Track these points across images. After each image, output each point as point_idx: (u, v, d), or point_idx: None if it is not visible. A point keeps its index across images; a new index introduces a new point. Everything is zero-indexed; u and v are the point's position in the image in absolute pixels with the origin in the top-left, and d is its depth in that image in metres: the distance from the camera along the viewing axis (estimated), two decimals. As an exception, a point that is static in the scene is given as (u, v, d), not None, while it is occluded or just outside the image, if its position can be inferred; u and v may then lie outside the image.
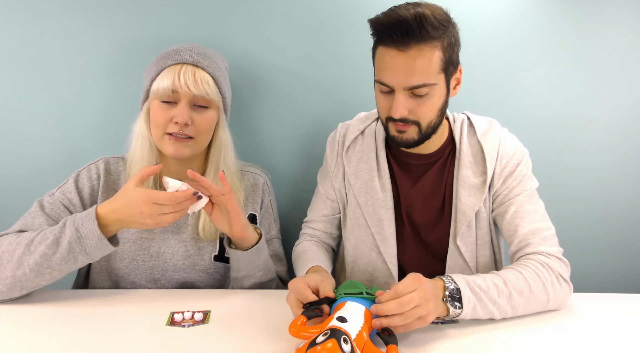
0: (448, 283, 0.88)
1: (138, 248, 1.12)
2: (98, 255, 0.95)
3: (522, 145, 1.11)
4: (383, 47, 0.96)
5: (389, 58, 0.94)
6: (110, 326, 0.89)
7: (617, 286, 1.47)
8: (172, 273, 1.13)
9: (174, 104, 1.05)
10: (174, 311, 0.94)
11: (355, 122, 1.19)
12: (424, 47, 0.92)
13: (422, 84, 0.94)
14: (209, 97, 1.06)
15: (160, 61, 1.07)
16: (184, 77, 1.03)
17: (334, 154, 1.18)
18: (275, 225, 1.25)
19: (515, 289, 0.91)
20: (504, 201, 1.07)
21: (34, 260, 0.92)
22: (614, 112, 1.40)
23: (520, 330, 0.89)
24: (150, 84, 1.07)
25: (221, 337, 0.86)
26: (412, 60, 0.92)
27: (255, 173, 1.25)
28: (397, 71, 0.94)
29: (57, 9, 1.30)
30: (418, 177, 1.12)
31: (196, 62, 1.06)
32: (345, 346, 0.70)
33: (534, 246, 1.00)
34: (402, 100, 0.96)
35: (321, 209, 1.22)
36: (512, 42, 1.36)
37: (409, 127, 1.00)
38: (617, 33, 1.35)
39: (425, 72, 0.93)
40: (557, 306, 0.97)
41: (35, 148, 1.36)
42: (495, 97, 1.38)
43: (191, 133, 1.05)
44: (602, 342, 0.85)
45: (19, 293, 0.96)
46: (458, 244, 1.08)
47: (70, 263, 0.94)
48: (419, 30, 0.90)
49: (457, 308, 0.86)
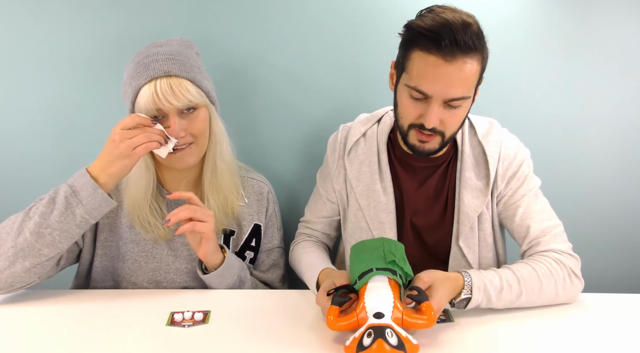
0: (466, 289, 0.91)
1: (141, 249, 1.12)
2: (95, 206, 0.95)
3: (523, 145, 1.11)
4: (424, 53, 0.90)
5: (432, 66, 0.90)
6: (110, 326, 0.89)
7: (618, 287, 1.47)
8: (174, 276, 1.12)
9: (163, 119, 1.02)
10: (174, 311, 0.94)
11: (357, 124, 1.18)
12: (468, 59, 0.89)
13: (461, 97, 0.93)
14: (193, 103, 1.02)
15: (134, 81, 1.02)
16: (162, 93, 0.98)
17: (335, 157, 1.18)
18: (278, 234, 1.25)
19: (527, 288, 0.94)
20: (511, 203, 1.07)
21: (34, 222, 0.93)
22: (615, 112, 1.39)
23: (521, 330, 0.89)
24: (132, 106, 1.03)
25: (221, 337, 0.86)
26: (457, 71, 0.89)
27: (260, 181, 1.24)
28: (439, 81, 0.90)
29: (56, 8, 1.30)
30: (424, 180, 1.11)
31: (168, 72, 1.00)
32: (391, 339, 0.73)
33: (545, 244, 1.02)
34: (437, 110, 0.93)
35: (320, 210, 1.22)
36: (513, 42, 1.36)
37: (433, 138, 0.99)
38: (617, 33, 1.35)
39: (466, 85, 0.92)
40: (567, 301, 0.99)
41: (34, 147, 1.36)
42: (495, 97, 1.38)
43: (189, 139, 1.04)
44: (602, 342, 0.85)
45: (21, 265, 0.93)
46: (460, 245, 1.08)
47: (70, 218, 0.93)
48: (469, 42, 0.87)
49: (461, 308, 0.92)
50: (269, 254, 1.23)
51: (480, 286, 0.91)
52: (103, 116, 1.36)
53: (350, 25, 1.34)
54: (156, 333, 0.87)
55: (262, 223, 1.21)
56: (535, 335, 0.87)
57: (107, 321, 0.91)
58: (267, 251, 1.23)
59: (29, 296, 1.00)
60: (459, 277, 0.92)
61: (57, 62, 1.33)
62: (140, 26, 1.32)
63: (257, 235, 1.21)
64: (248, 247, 1.20)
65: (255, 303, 1.00)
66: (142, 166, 1.07)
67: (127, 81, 1.05)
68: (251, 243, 1.20)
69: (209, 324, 0.90)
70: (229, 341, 0.84)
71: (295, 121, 1.40)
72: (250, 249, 1.20)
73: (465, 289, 0.90)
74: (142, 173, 1.07)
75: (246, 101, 1.38)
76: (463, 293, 0.90)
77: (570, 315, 0.95)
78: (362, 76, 1.35)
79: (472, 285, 0.91)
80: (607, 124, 1.40)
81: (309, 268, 1.07)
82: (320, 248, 1.19)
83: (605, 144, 1.41)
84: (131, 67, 1.04)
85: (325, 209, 1.21)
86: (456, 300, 0.91)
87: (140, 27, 1.32)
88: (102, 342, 0.84)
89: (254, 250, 1.21)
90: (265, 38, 1.35)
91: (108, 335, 0.86)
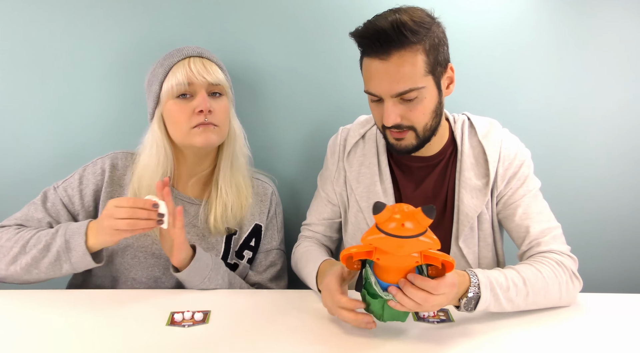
0: (473, 286, 0.88)
1: (141, 244, 1.12)
2: (81, 267, 1.02)
3: (524, 146, 1.11)
4: (367, 59, 0.96)
5: (373, 68, 0.95)
6: (110, 326, 0.89)
7: (618, 287, 1.47)
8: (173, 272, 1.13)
9: (190, 98, 1.06)
10: (174, 311, 0.94)
11: (356, 126, 1.18)
12: (404, 53, 0.92)
13: (409, 89, 0.94)
14: (222, 84, 1.09)
15: (165, 61, 1.08)
16: (195, 68, 1.06)
17: (335, 159, 1.18)
18: (278, 236, 1.25)
19: (533, 289, 0.93)
20: (510, 203, 1.07)
21: (26, 261, 1.01)
22: (614, 112, 1.39)
23: (521, 330, 0.89)
24: (159, 87, 1.08)
25: (221, 337, 0.86)
26: (395, 67, 0.92)
27: (265, 181, 1.25)
28: (382, 80, 0.94)
29: (58, 10, 1.30)
30: (421, 180, 1.11)
31: (201, 53, 1.10)
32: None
33: (545, 245, 1.01)
34: (391, 107, 0.96)
35: (322, 212, 1.21)
36: (512, 42, 1.36)
37: (406, 134, 1.00)
38: (617, 33, 1.35)
39: (410, 77, 0.93)
40: (567, 304, 0.99)
41: (35, 147, 1.36)
42: (495, 97, 1.38)
43: (215, 120, 1.07)
44: (602, 342, 0.85)
45: (2, 282, 1.05)
46: (460, 246, 1.08)
47: (56, 269, 1.01)
48: (397, 38, 0.90)
49: (469, 310, 0.89)
50: (267, 255, 1.22)
51: (487, 284, 0.89)
52: (104, 117, 1.36)
53: (351, 26, 1.33)
54: (156, 333, 0.87)
55: (263, 223, 1.21)
56: (535, 335, 0.87)
57: (107, 321, 0.91)
58: (266, 252, 1.23)
59: (29, 296, 1.00)
60: (464, 274, 0.89)
61: (59, 63, 1.32)
62: (142, 29, 1.32)
63: (257, 235, 1.21)
64: (247, 247, 1.19)
65: (255, 303, 1.00)
66: (160, 155, 1.09)
67: (157, 65, 1.10)
68: (250, 243, 1.20)
69: (209, 324, 0.90)
70: (229, 341, 0.84)
71: (295, 123, 1.40)
72: (249, 248, 1.20)
73: (473, 287, 0.88)
74: (161, 162, 1.10)
75: (245, 103, 1.37)
76: (470, 291, 0.88)
77: (570, 315, 0.95)
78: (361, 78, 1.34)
79: (479, 283, 0.89)
80: (607, 125, 1.40)
81: (313, 260, 1.06)
82: (322, 247, 1.19)
83: (605, 144, 1.41)
84: (159, 60, 1.11)
85: (326, 211, 1.21)
86: (463, 299, 0.88)
87: (141, 31, 1.32)
88: (102, 341, 0.84)
89: (253, 250, 1.21)
90: (265, 40, 1.34)
91: (108, 335, 0.86)
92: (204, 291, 1.06)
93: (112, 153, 1.17)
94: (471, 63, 1.35)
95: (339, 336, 0.86)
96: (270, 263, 1.22)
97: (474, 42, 1.35)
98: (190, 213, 1.16)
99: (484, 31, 1.35)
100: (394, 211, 0.73)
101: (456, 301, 0.88)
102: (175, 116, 1.07)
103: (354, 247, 0.82)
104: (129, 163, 1.16)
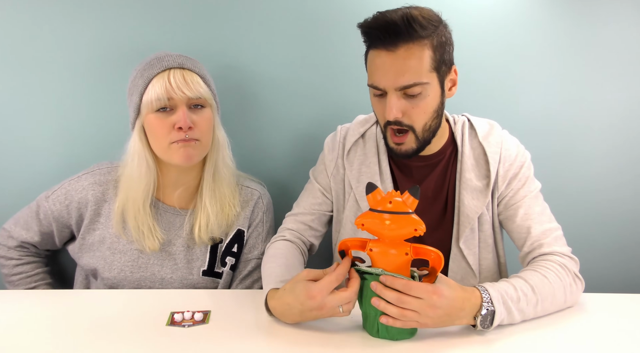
0: (485, 302, 0.85)
1: (128, 259, 1.11)
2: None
3: (524, 148, 1.11)
4: (373, 51, 0.96)
5: (379, 60, 0.94)
6: (110, 326, 0.89)
7: (618, 287, 1.47)
8: (160, 286, 1.12)
9: (170, 112, 1.03)
10: (174, 311, 0.94)
11: (355, 125, 1.18)
12: (412, 46, 0.92)
13: (413, 83, 0.94)
14: (203, 97, 1.05)
15: (145, 72, 1.04)
16: (175, 82, 1.01)
17: (334, 155, 1.16)
18: (261, 246, 1.20)
19: (541, 296, 0.91)
20: (511, 204, 1.07)
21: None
22: (614, 113, 1.39)
23: (521, 330, 0.89)
24: (139, 98, 1.04)
25: (221, 337, 0.86)
26: (402, 59, 0.92)
27: (253, 188, 1.22)
28: (387, 72, 0.94)
29: (53, 11, 1.29)
30: (420, 180, 1.11)
31: (182, 64, 1.05)
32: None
33: (547, 246, 1.01)
34: (394, 101, 0.95)
35: (313, 203, 1.17)
36: (512, 43, 1.36)
37: (406, 138, 0.99)
38: (617, 33, 1.35)
39: (416, 71, 0.93)
40: (571, 305, 0.98)
41: (32, 148, 1.35)
42: (495, 99, 1.38)
43: (196, 135, 1.04)
44: (602, 342, 0.85)
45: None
46: (461, 247, 1.07)
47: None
48: (406, 30, 0.91)
49: (486, 327, 0.86)
50: (245, 265, 1.19)
51: (499, 299, 0.86)
52: (101, 118, 1.35)
53: (342, 30, 1.33)
54: (156, 333, 0.86)
55: (245, 228, 1.19)
56: (535, 335, 0.87)
57: (107, 321, 0.91)
58: (245, 261, 1.20)
59: (28, 296, 1.00)
60: (474, 290, 0.86)
61: (54, 64, 1.32)
62: (134, 33, 1.31)
63: (240, 241, 1.18)
64: (229, 253, 1.17)
65: (256, 303, 0.99)
66: (142, 167, 1.07)
67: (137, 75, 1.06)
68: (232, 249, 1.17)
69: (209, 324, 0.90)
70: (229, 341, 0.84)
71: (290, 124, 1.38)
72: (232, 255, 1.17)
73: (485, 303, 0.85)
74: (143, 174, 1.07)
75: (238, 106, 1.36)
76: (484, 307, 0.84)
77: (570, 315, 0.95)
78: (355, 80, 1.34)
79: (491, 298, 0.85)
80: (607, 125, 1.40)
81: (267, 277, 0.99)
82: (294, 253, 1.09)
83: (606, 145, 1.41)
84: (140, 67, 1.06)
85: (317, 201, 1.17)
86: (478, 317, 0.84)
87: (134, 34, 1.31)
88: (102, 341, 0.84)
89: (235, 256, 1.18)
90: (260, 40, 1.34)
91: (108, 335, 0.86)
92: (204, 291, 1.06)
93: (96, 168, 1.15)
94: (470, 64, 1.34)
95: (339, 336, 0.86)
96: (247, 272, 1.19)
97: (472, 42, 1.35)
98: (176, 225, 1.14)
99: (482, 32, 1.35)
100: (383, 192, 0.83)
101: (472, 320, 0.86)
102: (155, 130, 1.04)
103: (349, 239, 0.89)
104: (112, 177, 1.13)
